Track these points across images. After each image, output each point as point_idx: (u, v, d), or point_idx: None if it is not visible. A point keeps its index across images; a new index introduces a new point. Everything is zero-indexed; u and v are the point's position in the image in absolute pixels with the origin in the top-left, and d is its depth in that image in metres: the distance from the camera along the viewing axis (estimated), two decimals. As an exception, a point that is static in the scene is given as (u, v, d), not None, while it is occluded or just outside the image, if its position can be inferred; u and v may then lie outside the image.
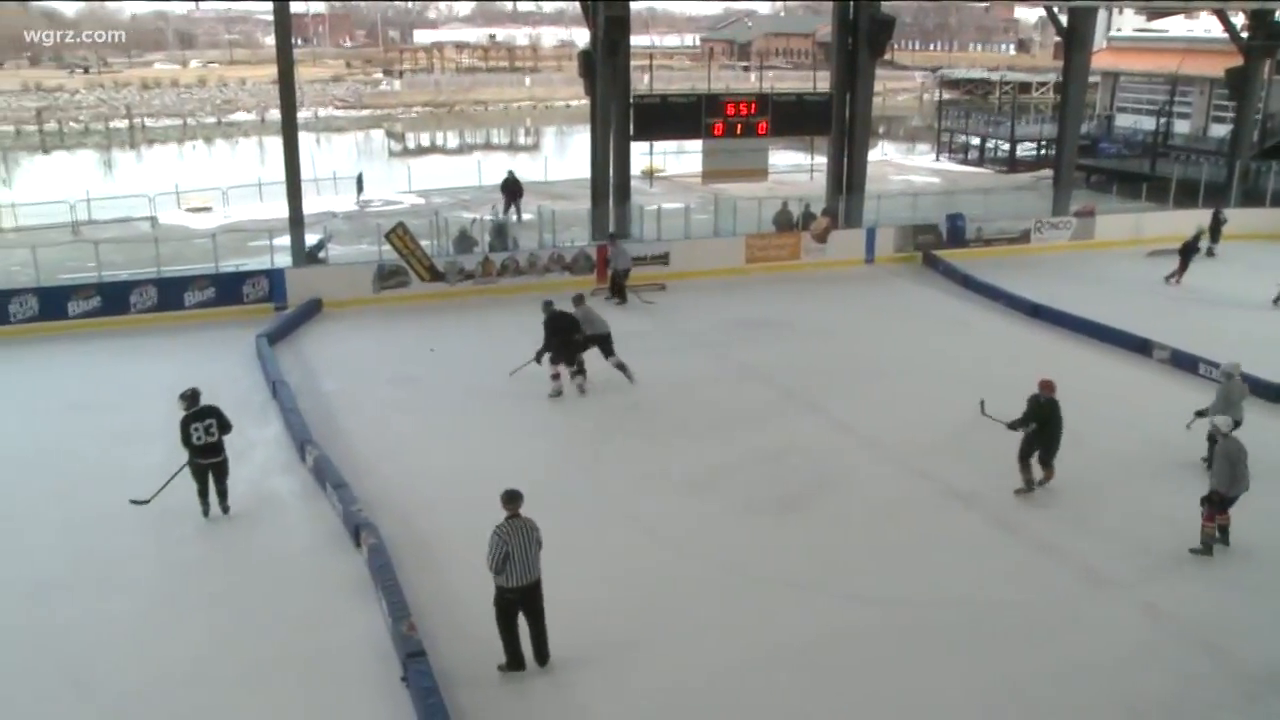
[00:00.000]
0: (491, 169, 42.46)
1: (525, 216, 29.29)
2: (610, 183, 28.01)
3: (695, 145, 29.90)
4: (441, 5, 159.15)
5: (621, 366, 19.05)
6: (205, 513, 14.15)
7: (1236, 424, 13.83)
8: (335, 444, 16.26)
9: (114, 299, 23.38)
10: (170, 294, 23.68)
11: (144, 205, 36.79)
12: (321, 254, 26.04)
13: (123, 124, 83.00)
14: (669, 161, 41.41)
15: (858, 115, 29.40)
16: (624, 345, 21.22)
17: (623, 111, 27.41)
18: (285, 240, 25.64)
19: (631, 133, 27.61)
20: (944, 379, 19.44)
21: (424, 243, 25.32)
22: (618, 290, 25.00)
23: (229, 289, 24.06)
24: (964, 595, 12.26)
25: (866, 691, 10.58)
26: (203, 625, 11.76)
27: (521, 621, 10.73)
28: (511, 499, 10.54)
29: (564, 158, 54.64)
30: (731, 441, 16.64)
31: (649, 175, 39.94)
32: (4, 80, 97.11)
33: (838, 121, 29.38)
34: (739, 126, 27.92)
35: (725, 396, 18.89)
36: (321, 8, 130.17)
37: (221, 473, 14.17)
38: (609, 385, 19.09)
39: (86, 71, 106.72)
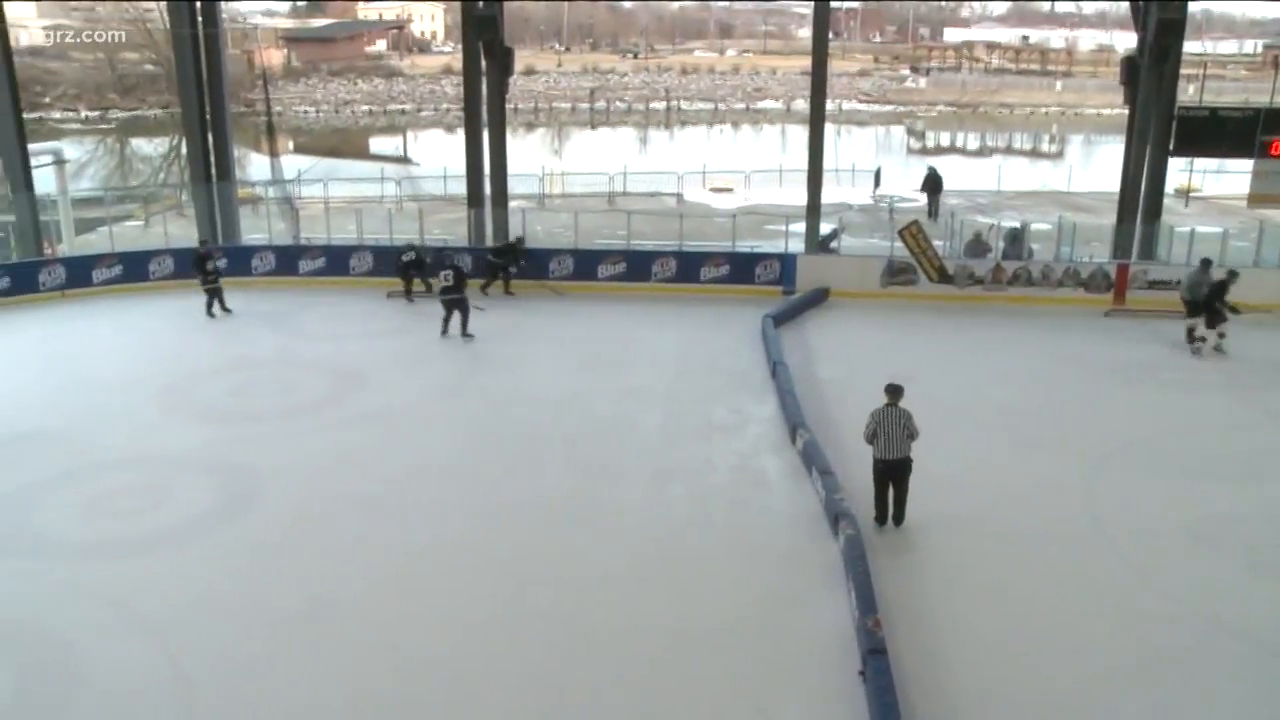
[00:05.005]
0: (1011, 174, 41.31)
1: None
2: (1140, 199, 26.33)
3: (1242, 165, 27.30)
4: (976, 4, 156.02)
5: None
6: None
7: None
8: (824, 431, 16.49)
9: (638, 266, 25.38)
10: (688, 267, 25.28)
11: (672, 182, 39.56)
12: (834, 244, 26.58)
13: (660, 105, 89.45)
14: (1207, 181, 38.50)
15: None
16: (1133, 375, 20.21)
17: (1164, 123, 25.57)
18: (800, 227, 26.48)
19: (1171, 147, 25.69)
20: None
21: (936, 243, 25.13)
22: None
23: (742, 268, 25.30)
24: None
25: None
26: (678, 578, 12.51)
27: None
28: (893, 391, 13.12)
29: (1089, 168, 52.11)
30: (1245, 492, 15.11)
31: (1184, 194, 37.33)
32: (570, 63, 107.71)
33: None
34: (1301, 146, 25.10)
35: (1245, 441, 17.20)
36: (856, 4, 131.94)
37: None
38: (1126, 424, 18.20)
39: (635, 56, 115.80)
